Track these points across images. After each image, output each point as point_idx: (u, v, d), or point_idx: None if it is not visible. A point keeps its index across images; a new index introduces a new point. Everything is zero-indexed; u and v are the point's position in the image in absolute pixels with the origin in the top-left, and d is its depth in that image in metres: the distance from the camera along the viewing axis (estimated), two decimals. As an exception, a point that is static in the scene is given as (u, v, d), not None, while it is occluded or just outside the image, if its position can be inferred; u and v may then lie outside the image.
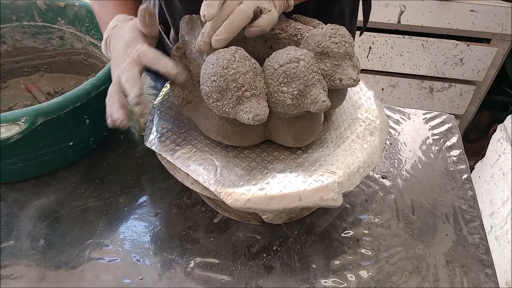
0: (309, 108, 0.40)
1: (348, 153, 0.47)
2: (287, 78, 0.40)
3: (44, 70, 0.75)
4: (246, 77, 0.40)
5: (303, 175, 0.45)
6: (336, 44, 0.43)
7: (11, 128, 0.47)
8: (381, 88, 1.55)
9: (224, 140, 0.47)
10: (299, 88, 0.40)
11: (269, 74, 0.41)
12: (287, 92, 0.40)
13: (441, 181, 0.60)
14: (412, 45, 1.42)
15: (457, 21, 1.35)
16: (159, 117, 0.52)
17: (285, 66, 0.40)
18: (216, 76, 0.39)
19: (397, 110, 0.71)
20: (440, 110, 1.26)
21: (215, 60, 0.40)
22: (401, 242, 0.51)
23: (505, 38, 1.37)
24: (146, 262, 0.49)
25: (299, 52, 0.41)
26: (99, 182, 0.58)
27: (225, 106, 0.40)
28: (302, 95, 0.40)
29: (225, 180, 0.44)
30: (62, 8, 0.69)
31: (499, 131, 1.21)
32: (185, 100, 0.47)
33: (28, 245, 0.50)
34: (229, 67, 0.39)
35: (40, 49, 0.73)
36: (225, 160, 0.46)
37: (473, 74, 1.45)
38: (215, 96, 0.40)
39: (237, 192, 0.43)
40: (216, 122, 0.45)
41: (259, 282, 0.47)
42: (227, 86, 0.39)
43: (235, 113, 0.40)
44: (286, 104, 0.41)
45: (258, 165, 0.46)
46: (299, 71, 0.40)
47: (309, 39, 0.44)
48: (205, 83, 0.41)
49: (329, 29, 0.44)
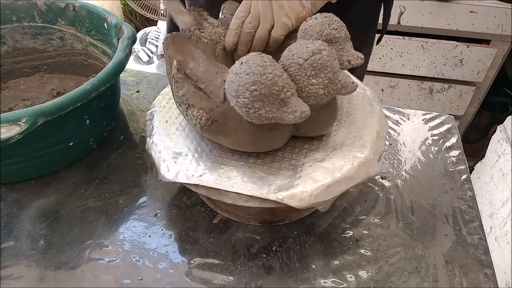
0: (341, 92, 0.42)
1: (364, 125, 0.50)
2: (314, 70, 0.40)
3: (44, 70, 0.75)
4: (283, 77, 0.39)
5: (341, 157, 0.46)
6: (336, 29, 0.44)
7: (12, 129, 0.47)
8: (381, 89, 1.55)
9: (259, 149, 0.46)
10: (328, 76, 0.41)
11: (295, 70, 0.41)
12: (317, 83, 0.41)
13: (441, 182, 0.60)
14: (412, 46, 1.42)
15: (456, 22, 1.35)
16: (158, 138, 0.49)
17: (310, 59, 0.40)
18: (256, 85, 0.38)
19: (396, 111, 0.71)
20: (440, 111, 1.26)
21: (248, 69, 0.38)
22: (400, 243, 0.52)
23: (504, 39, 1.37)
24: (146, 262, 0.49)
25: (316, 44, 0.41)
26: (99, 183, 0.58)
27: (268, 113, 0.39)
28: (331, 83, 0.41)
29: (277, 185, 0.44)
30: (62, 9, 0.69)
31: (498, 132, 1.21)
32: (210, 120, 0.44)
33: (28, 246, 0.50)
34: (266, 73, 0.38)
35: (40, 49, 0.73)
36: (259, 167, 0.46)
37: (472, 75, 1.45)
38: (257, 105, 0.39)
39: (297, 193, 0.43)
40: (250, 132, 0.44)
41: (259, 282, 0.47)
42: (270, 91, 0.38)
43: (280, 117, 0.40)
44: (318, 95, 0.41)
45: (296, 161, 0.46)
46: (325, 61, 0.40)
47: (308, 30, 0.45)
48: (242, 95, 0.39)
49: (324, 17, 0.45)
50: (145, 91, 0.75)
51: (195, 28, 0.49)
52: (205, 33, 0.49)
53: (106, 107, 0.61)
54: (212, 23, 0.50)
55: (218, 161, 0.46)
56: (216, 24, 0.50)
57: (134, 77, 0.78)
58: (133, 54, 1.70)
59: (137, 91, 0.75)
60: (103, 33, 0.68)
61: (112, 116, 0.66)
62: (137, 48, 1.74)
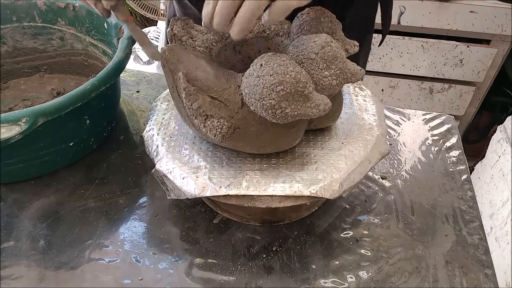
0: (351, 80, 0.43)
1: (363, 109, 0.54)
2: (326, 62, 0.41)
3: (45, 70, 0.75)
4: (303, 73, 0.40)
5: (355, 142, 0.49)
6: (331, 21, 0.46)
7: (12, 129, 0.47)
8: (381, 89, 1.55)
9: (281, 148, 0.46)
10: (339, 67, 0.42)
11: (308, 65, 0.41)
12: (330, 75, 0.41)
13: (441, 182, 0.60)
14: (412, 46, 1.42)
15: (457, 22, 1.35)
16: (168, 157, 0.47)
17: (321, 52, 0.41)
18: (282, 84, 0.38)
19: (396, 111, 0.71)
20: (440, 111, 1.26)
21: (271, 70, 0.38)
22: (400, 243, 0.51)
23: (505, 39, 1.37)
24: (146, 262, 0.49)
25: (323, 37, 0.42)
26: (99, 183, 0.58)
27: (294, 110, 0.39)
28: (342, 72, 0.42)
29: (306, 180, 0.44)
30: (62, 9, 0.69)
31: (499, 132, 1.21)
32: (232, 127, 0.42)
33: (28, 246, 0.50)
34: (288, 71, 0.38)
35: (40, 49, 0.73)
36: (283, 166, 0.46)
37: (473, 75, 1.45)
38: (283, 105, 0.39)
39: (328, 185, 0.44)
40: (272, 133, 0.44)
41: (259, 282, 0.47)
42: (295, 89, 0.38)
43: (304, 112, 0.40)
44: (332, 86, 0.42)
45: (315, 154, 0.48)
46: (335, 52, 0.41)
47: (304, 26, 0.46)
48: (268, 97, 0.38)
49: (316, 11, 0.46)
50: (145, 91, 0.75)
51: (187, 38, 0.48)
52: (197, 41, 0.48)
53: (106, 107, 0.61)
54: (200, 30, 0.50)
55: (241, 168, 0.46)
56: (205, 31, 0.50)
57: (134, 77, 0.78)
58: (133, 54, 1.70)
59: (137, 91, 0.75)
60: (103, 33, 0.68)
61: (112, 116, 0.66)
62: (137, 48, 1.74)
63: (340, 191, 0.44)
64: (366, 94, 0.56)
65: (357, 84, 0.58)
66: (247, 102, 0.41)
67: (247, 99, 0.41)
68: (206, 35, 0.49)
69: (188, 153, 0.48)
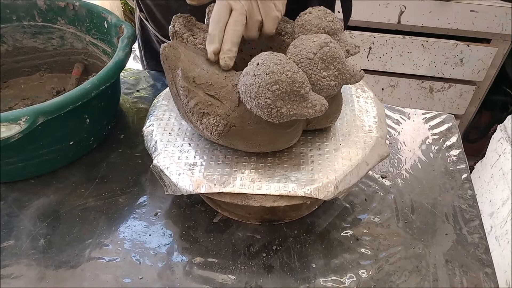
0: (350, 81, 0.42)
1: (363, 111, 0.53)
2: (324, 63, 0.41)
3: (44, 70, 0.75)
4: (300, 73, 0.39)
5: (353, 145, 0.48)
6: (332, 21, 0.45)
7: (12, 128, 0.47)
8: (381, 88, 1.55)
9: (278, 147, 0.46)
10: (338, 67, 0.41)
11: (306, 65, 0.41)
12: (328, 75, 0.41)
13: (441, 181, 0.60)
14: (412, 45, 1.42)
15: (457, 21, 1.35)
16: (165, 152, 0.48)
17: (320, 52, 0.41)
18: (277, 83, 0.38)
19: (396, 110, 0.71)
20: (440, 110, 1.26)
21: (267, 69, 0.38)
22: (400, 242, 0.51)
23: (505, 38, 1.37)
24: (146, 261, 0.49)
25: (322, 37, 0.42)
26: (99, 182, 0.58)
27: (289, 110, 0.39)
28: (341, 73, 0.42)
29: (301, 180, 0.44)
30: (62, 8, 0.69)
31: (499, 131, 1.21)
32: (228, 125, 0.43)
33: (28, 245, 0.50)
34: (285, 71, 0.38)
35: (40, 49, 0.73)
36: (279, 165, 0.46)
37: (473, 74, 1.45)
38: (279, 104, 0.39)
39: (323, 185, 0.44)
40: (269, 132, 0.44)
41: (259, 281, 0.47)
42: (291, 89, 0.38)
43: (300, 112, 0.40)
44: (330, 86, 0.42)
45: (312, 155, 0.47)
46: (334, 52, 0.41)
47: (306, 25, 0.45)
48: (264, 96, 0.38)
49: (318, 11, 0.46)
50: (145, 90, 0.75)
51: (188, 35, 0.48)
52: (198, 38, 0.48)
53: (106, 106, 0.61)
54: (201, 27, 0.50)
55: (237, 166, 0.46)
56: (205, 29, 0.49)
57: (134, 76, 0.78)
58: (133, 53, 1.69)
59: (137, 90, 0.75)
60: (103, 32, 0.68)
61: (112, 115, 0.66)
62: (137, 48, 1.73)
63: (335, 193, 0.44)
64: (368, 96, 0.56)
65: (359, 86, 0.57)
66: (243, 101, 0.41)
67: (243, 97, 0.41)
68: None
69: (185, 149, 0.48)
